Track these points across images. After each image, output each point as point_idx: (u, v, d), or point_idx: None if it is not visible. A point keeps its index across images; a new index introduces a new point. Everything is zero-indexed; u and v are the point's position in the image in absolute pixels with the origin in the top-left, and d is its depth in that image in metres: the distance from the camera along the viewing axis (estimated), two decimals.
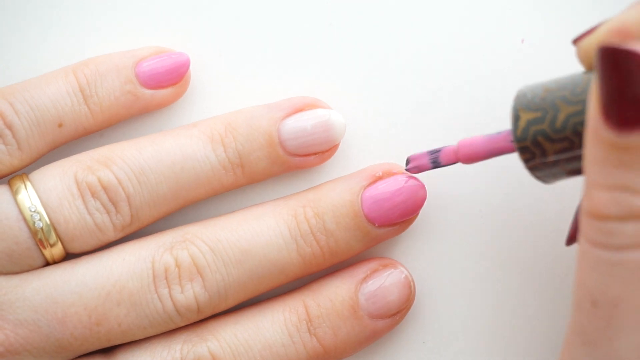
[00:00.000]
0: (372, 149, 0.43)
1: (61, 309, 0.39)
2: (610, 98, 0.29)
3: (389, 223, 0.40)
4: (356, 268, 0.41)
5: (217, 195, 0.42)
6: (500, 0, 0.42)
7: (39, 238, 0.39)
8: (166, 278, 0.39)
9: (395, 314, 0.41)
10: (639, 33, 0.31)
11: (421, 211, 0.42)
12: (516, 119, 0.34)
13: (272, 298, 0.41)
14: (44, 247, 0.39)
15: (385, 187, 0.40)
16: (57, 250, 0.39)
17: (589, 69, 0.34)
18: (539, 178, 0.35)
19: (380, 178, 0.41)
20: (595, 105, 0.30)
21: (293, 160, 0.41)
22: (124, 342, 0.39)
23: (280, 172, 0.41)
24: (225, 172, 0.41)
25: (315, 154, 0.41)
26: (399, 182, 0.40)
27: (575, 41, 0.35)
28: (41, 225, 0.39)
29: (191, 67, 0.42)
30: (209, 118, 0.41)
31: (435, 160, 0.39)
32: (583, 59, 0.34)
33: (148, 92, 0.41)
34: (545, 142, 0.33)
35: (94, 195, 0.39)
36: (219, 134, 0.41)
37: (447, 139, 0.42)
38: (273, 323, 0.40)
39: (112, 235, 0.40)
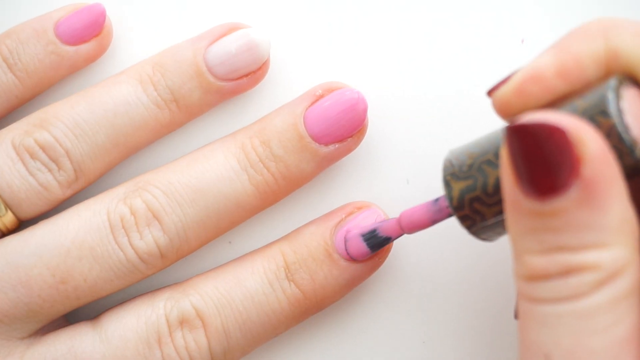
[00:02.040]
0: (371, 149, 0.43)
1: (24, 273, 0.39)
2: (525, 171, 0.30)
3: (334, 139, 0.41)
4: (331, 213, 0.41)
5: (161, 137, 0.42)
6: (500, 0, 0.42)
7: None
8: (123, 227, 0.39)
9: (373, 257, 0.41)
10: (553, 80, 0.32)
11: None
12: (449, 188, 0.34)
13: (252, 251, 0.42)
14: None
15: (326, 105, 0.41)
16: (9, 219, 0.40)
17: (507, 119, 0.34)
18: (484, 239, 0.35)
19: (321, 96, 0.41)
20: (510, 179, 0.30)
21: (225, 86, 0.41)
22: (94, 298, 0.40)
23: (216, 100, 0.42)
24: (160, 110, 0.41)
25: (246, 75, 0.41)
26: (337, 97, 0.41)
27: (490, 92, 0.36)
28: None
29: None
30: (136, 63, 0.42)
31: (375, 238, 0.39)
32: (500, 110, 0.34)
33: (71, 49, 0.42)
34: (483, 207, 0.33)
35: (32, 156, 0.40)
36: (146, 74, 0.41)
37: (447, 139, 0.42)
38: (253, 273, 0.40)
39: (59, 193, 0.40)
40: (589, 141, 0.29)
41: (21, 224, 0.41)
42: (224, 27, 0.42)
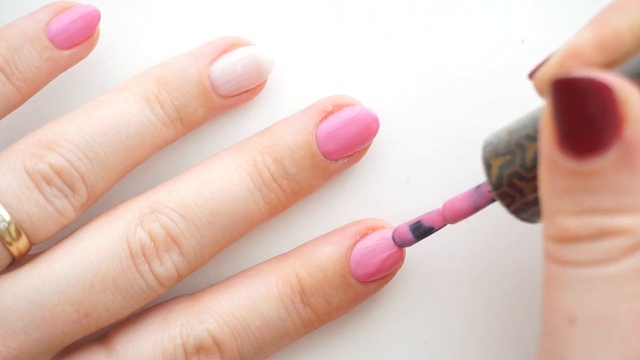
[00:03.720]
0: (371, 149, 0.43)
1: (48, 311, 0.38)
2: (567, 127, 0.30)
3: (345, 155, 0.41)
4: (344, 232, 0.41)
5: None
6: (500, 0, 0.42)
7: (6, 240, 0.38)
8: (144, 254, 0.39)
9: (386, 277, 0.41)
10: (592, 54, 0.32)
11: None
12: (488, 167, 0.34)
13: (262, 264, 0.42)
14: (10, 245, 0.39)
15: (337, 122, 0.41)
16: (23, 244, 0.39)
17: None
18: (524, 219, 0.35)
19: (331, 112, 0.41)
20: (550, 137, 0.30)
21: (227, 102, 0.42)
22: (111, 323, 0.39)
23: (216, 115, 0.42)
24: (167, 129, 0.41)
25: (247, 91, 0.42)
26: (350, 114, 0.41)
27: (531, 75, 0.35)
28: (6, 226, 0.38)
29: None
30: (136, 76, 0.41)
31: (419, 229, 0.39)
32: (541, 90, 0.34)
33: (66, 54, 0.41)
34: (521, 182, 0.33)
35: (48, 182, 0.39)
36: (152, 92, 0.40)
37: (447, 139, 0.42)
38: (269, 298, 0.40)
39: (73, 217, 0.40)
40: (633, 101, 0.29)
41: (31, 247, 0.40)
42: (226, 42, 0.41)
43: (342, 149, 0.41)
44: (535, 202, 0.34)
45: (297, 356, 0.43)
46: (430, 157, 0.43)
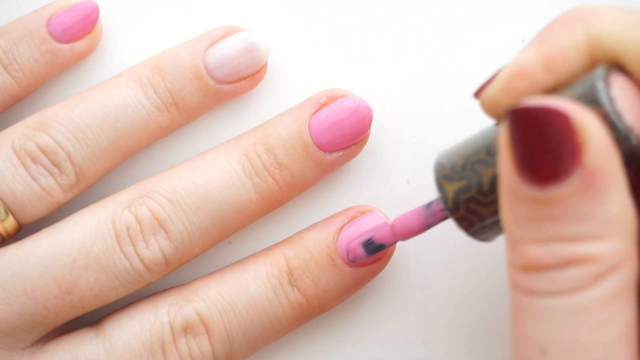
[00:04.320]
0: (372, 149, 0.43)
1: (29, 284, 0.39)
2: (525, 155, 0.29)
3: (339, 148, 0.41)
4: (334, 217, 0.41)
5: (160, 140, 0.42)
6: (500, 0, 0.42)
7: None
8: (129, 236, 0.39)
9: (375, 262, 0.41)
10: (540, 74, 0.32)
11: None
12: (442, 191, 0.34)
13: (254, 253, 0.42)
14: None
15: (331, 113, 0.41)
16: (10, 224, 0.40)
17: (497, 119, 0.33)
18: (482, 240, 0.35)
19: (325, 104, 0.41)
20: (509, 164, 0.30)
21: (224, 88, 0.41)
22: (98, 306, 0.40)
23: (215, 103, 0.42)
24: (160, 113, 0.41)
25: (244, 78, 0.42)
26: (343, 106, 0.41)
27: (477, 94, 0.35)
28: None
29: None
30: (134, 65, 0.42)
31: (370, 245, 0.39)
32: (489, 110, 0.33)
33: (66, 47, 0.42)
34: (479, 207, 0.33)
35: (34, 160, 0.40)
36: (146, 77, 0.41)
37: (447, 140, 0.42)
38: (256, 278, 0.40)
39: (61, 197, 0.40)
40: (592, 128, 0.29)
41: (21, 229, 0.41)
42: (222, 30, 0.42)
43: (335, 139, 0.41)
44: (494, 224, 0.34)
45: (295, 355, 0.43)
46: (430, 157, 0.42)
